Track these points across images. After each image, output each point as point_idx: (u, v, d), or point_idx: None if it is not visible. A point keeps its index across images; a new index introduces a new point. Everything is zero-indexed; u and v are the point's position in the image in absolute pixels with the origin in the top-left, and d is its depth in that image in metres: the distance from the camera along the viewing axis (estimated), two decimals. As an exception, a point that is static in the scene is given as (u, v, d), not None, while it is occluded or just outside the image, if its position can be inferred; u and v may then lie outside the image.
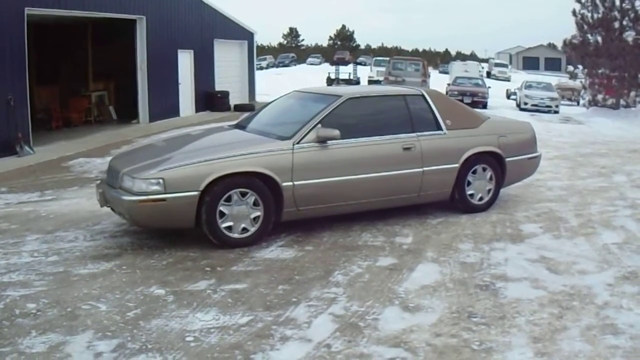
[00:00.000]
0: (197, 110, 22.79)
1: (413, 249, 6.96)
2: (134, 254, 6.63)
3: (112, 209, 7.22)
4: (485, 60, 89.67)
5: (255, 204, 6.94)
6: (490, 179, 8.65)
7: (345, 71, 45.33)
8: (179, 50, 21.44)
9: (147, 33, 18.98)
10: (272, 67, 75.33)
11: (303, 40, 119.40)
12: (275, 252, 6.78)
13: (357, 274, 6.12)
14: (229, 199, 6.81)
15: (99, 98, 20.61)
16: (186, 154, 7.28)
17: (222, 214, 6.79)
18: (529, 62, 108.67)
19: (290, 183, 7.10)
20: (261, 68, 64.35)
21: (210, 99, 23.67)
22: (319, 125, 7.40)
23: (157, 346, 4.53)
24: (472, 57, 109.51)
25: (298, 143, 7.25)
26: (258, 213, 6.96)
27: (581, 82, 36.58)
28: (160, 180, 6.61)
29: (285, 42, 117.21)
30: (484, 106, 30.19)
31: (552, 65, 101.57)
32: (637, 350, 4.69)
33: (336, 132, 7.30)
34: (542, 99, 31.14)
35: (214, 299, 5.42)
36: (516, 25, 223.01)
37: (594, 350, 4.64)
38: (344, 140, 7.45)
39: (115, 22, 18.45)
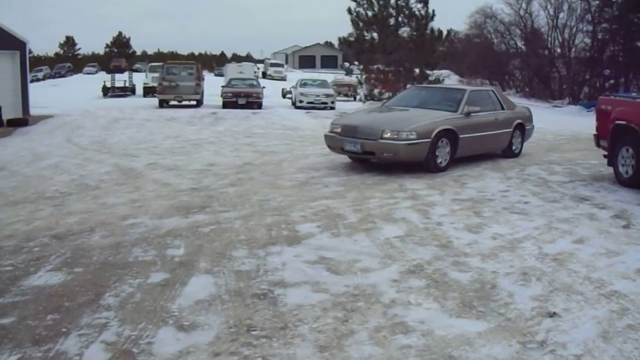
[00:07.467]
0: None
1: (185, 260, 6.70)
2: None
3: (360, 154, 12.07)
4: (262, 61, 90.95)
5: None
6: (520, 138, 14.67)
7: (121, 79, 43.81)
8: None
9: None
10: (49, 78, 71.80)
11: (80, 49, 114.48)
12: (44, 277, 6.27)
13: (128, 294, 5.80)
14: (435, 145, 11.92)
15: None
16: (413, 119, 12.01)
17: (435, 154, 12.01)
18: (306, 61, 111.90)
19: (461, 136, 12.27)
20: (37, 79, 62.05)
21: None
22: (466, 105, 12.81)
23: None
24: (248, 58, 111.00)
25: (461, 114, 12.62)
26: (448, 151, 12.22)
27: (357, 77, 37.81)
28: (414, 133, 11.47)
29: (62, 51, 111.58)
30: (259, 106, 30.30)
31: (329, 62, 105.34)
32: (431, 348, 4.65)
33: (478, 108, 12.94)
34: (317, 96, 31.80)
35: (-24, 340, 4.92)
36: (293, 26, 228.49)
37: (385, 353, 4.56)
38: (476, 113, 12.87)
39: None
